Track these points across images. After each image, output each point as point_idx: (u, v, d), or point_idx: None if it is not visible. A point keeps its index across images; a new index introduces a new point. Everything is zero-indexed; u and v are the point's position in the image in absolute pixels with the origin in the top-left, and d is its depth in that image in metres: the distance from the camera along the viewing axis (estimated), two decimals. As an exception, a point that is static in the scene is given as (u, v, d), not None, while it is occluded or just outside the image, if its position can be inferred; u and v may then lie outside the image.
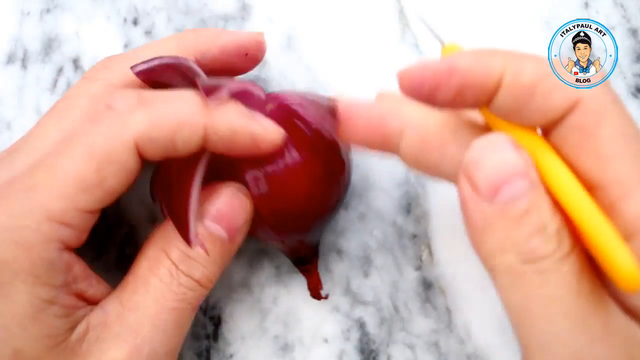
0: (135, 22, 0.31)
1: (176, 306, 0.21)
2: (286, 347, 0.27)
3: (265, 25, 0.31)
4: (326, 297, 0.27)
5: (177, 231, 0.22)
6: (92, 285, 0.22)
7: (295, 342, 0.27)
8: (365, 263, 0.28)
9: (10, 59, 0.30)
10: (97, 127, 0.21)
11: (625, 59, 0.31)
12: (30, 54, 0.30)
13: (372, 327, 0.28)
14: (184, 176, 0.22)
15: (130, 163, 0.21)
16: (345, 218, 0.29)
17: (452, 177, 0.20)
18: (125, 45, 0.30)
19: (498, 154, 0.17)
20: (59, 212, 0.20)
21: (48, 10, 0.31)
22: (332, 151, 0.24)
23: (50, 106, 0.23)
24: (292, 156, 0.23)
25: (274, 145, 0.22)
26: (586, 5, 0.31)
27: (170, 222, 0.22)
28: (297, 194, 0.23)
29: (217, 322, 0.28)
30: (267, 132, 0.22)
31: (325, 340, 0.27)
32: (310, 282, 0.26)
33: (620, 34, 0.31)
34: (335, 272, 0.28)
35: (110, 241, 0.28)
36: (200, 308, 0.28)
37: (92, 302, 0.21)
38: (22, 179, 0.20)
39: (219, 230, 0.22)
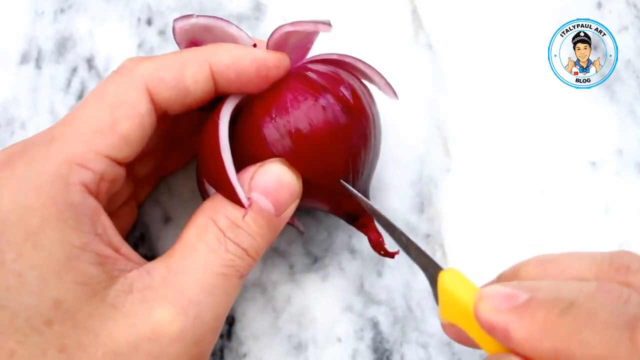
0: (149, 22, 0.31)
1: (224, 272, 0.21)
2: (299, 347, 0.27)
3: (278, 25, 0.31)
4: (397, 253, 0.25)
5: (225, 200, 0.22)
6: (124, 244, 0.22)
7: (308, 341, 0.28)
8: (379, 262, 0.28)
9: (24, 59, 0.30)
10: (108, 81, 0.22)
11: (638, 59, 0.31)
12: (44, 53, 0.30)
13: (385, 327, 0.28)
14: (212, 141, 0.22)
15: (142, 106, 0.21)
16: (359, 217, 0.29)
17: None
18: (139, 45, 0.30)
19: None
20: (78, 155, 0.20)
21: (62, 10, 0.31)
22: (373, 99, 0.24)
23: (64, 106, 0.23)
24: (308, 104, 0.23)
25: (280, 66, 0.22)
26: (599, 5, 0.31)
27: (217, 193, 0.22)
28: (320, 144, 0.23)
29: (230, 321, 0.28)
30: (269, 54, 0.22)
31: (339, 340, 0.28)
32: (370, 237, 0.25)
33: (633, 34, 0.31)
34: (349, 272, 0.28)
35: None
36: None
37: (128, 259, 0.21)
38: (41, 134, 0.21)
39: (266, 204, 0.22)
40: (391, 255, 0.25)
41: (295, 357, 0.27)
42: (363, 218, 0.25)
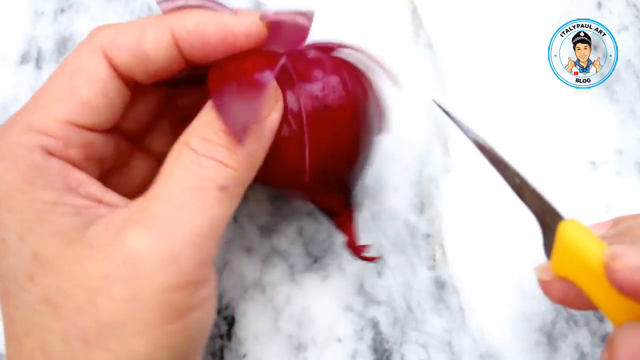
0: (149, 22, 0.31)
1: (198, 185, 0.20)
2: (299, 347, 0.27)
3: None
4: (378, 258, 0.25)
5: (197, 123, 0.21)
6: (108, 193, 0.21)
7: (308, 341, 0.27)
8: (379, 263, 0.28)
9: (24, 59, 0.30)
10: (73, 51, 0.22)
11: (638, 59, 0.31)
12: (44, 53, 0.30)
13: (385, 327, 0.28)
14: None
15: (100, 70, 0.21)
16: (359, 218, 0.29)
17: None
18: (139, 45, 0.30)
19: None
20: (37, 122, 0.20)
21: (62, 10, 0.31)
22: (365, 95, 0.23)
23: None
24: (335, 88, 0.22)
25: (250, 33, 0.21)
26: (599, 5, 0.31)
27: (192, 121, 0.21)
28: (335, 133, 0.22)
29: (230, 321, 0.28)
30: (238, 19, 0.21)
31: (339, 340, 0.28)
32: (347, 238, 0.25)
33: (633, 34, 0.31)
34: (349, 272, 0.28)
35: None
36: (214, 307, 0.28)
37: (113, 207, 0.21)
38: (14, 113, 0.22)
39: None
40: (370, 259, 0.25)
41: (295, 357, 0.27)
42: (342, 216, 0.25)
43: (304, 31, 0.23)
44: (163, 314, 0.19)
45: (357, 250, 0.25)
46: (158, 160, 0.26)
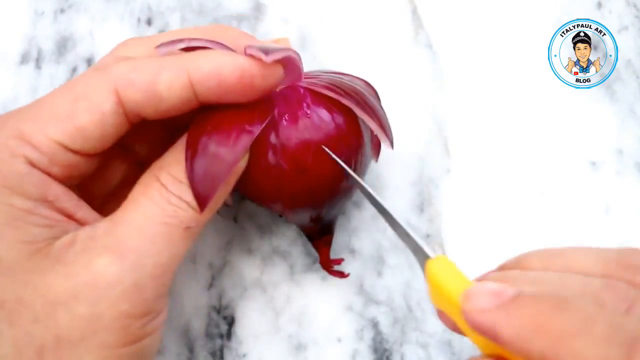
0: (149, 22, 0.31)
1: (166, 221, 0.21)
2: (300, 347, 0.27)
3: (279, 26, 0.31)
4: (347, 275, 0.26)
5: (170, 159, 0.22)
6: (82, 209, 0.22)
7: (308, 341, 0.28)
8: (379, 262, 0.28)
9: (24, 59, 0.30)
10: (84, 74, 0.22)
11: (638, 59, 0.31)
12: (44, 53, 0.30)
13: (385, 327, 0.28)
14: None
15: (106, 104, 0.21)
16: (359, 218, 0.29)
17: None
18: (139, 45, 0.30)
19: None
20: (28, 133, 0.20)
21: (62, 11, 0.31)
22: (355, 128, 0.23)
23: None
24: (325, 124, 0.22)
25: (267, 76, 0.21)
26: (599, 5, 0.31)
27: (166, 153, 0.22)
28: (320, 168, 0.22)
29: (230, 321, 0.28)
30: (257, 64, 0.21)
31: (339, 340, 0.28)
32: (320, 259, 0.26)
33: (633, 34, 0.31)
34: (349, 272, 0.28)
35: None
36: (214, 308, 0.28)
37: (83, 224, 0.21)
38: (10, 111, 0.22)
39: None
40: (341, 276, 0.26)
41: (295, 357, 0.27)
42: (319, 241, 0.26)
43: (298, 75, 0.23)
44: (119, 337, 0.20)
45: (329, 269, 0.26)
46: (137, 161, 0.26)
